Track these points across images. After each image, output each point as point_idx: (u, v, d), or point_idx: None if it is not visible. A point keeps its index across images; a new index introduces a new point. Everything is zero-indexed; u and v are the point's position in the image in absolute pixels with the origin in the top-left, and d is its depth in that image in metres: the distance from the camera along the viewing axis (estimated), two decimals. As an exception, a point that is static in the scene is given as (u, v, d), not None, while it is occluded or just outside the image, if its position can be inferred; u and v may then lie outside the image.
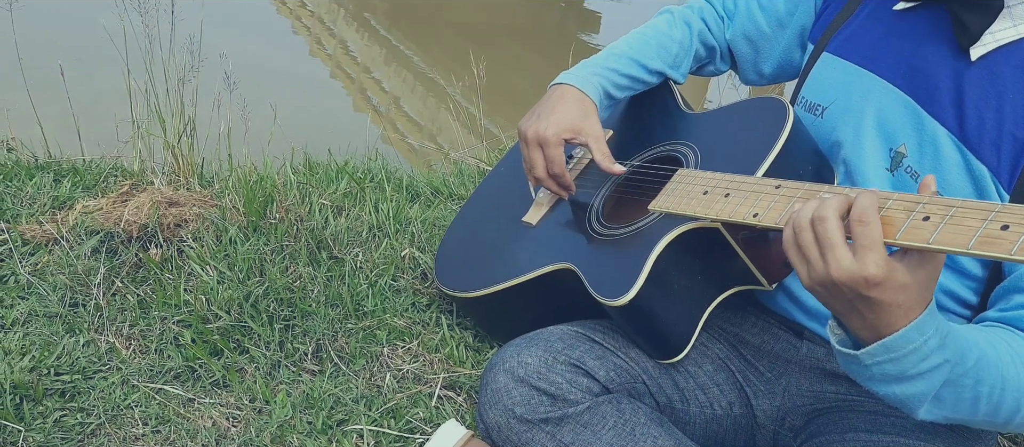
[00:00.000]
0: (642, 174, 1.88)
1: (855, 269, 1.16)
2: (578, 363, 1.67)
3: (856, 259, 1.16)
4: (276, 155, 3.14)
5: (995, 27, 1.46)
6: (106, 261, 2.26)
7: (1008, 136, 1.44)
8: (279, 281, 2.21)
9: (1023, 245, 1.01)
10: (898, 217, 1.15)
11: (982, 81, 1.48)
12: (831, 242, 1.19)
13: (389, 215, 2.62)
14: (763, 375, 1.79)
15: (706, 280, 1.67)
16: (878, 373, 1.27)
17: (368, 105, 7.44)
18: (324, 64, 8.32)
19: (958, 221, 1.08)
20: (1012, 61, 1.46)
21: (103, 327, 2.08)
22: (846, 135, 1.66)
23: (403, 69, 8.45)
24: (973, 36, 1.48)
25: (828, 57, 1.76)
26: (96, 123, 3.46)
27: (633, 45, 2.00)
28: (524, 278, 1.89)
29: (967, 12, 1.47)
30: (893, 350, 1.23)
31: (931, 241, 1.09)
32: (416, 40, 9.27)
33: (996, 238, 1.03)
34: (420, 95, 7.87)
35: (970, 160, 1.47)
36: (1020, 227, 1.02)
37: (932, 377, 1.27)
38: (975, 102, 1.48)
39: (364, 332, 2.16)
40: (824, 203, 1.22)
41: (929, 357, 1.24)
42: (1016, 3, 1.44)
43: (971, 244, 1.05)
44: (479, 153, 3.91)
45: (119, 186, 2.63)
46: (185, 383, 1.98)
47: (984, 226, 1.05)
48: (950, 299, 1.56)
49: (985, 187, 1.46)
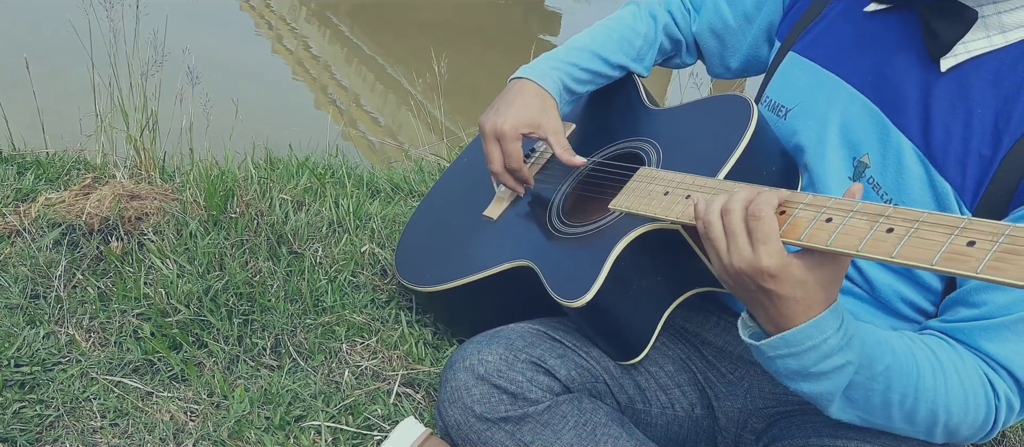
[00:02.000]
0: (603, 171, 1.86)
1: (752, 259, 1.23)
2: (539, 361, 1.65)
3: (753, 250, 1.23)
4: (237, 150, 3.13)
5: (968, 38, 1.41)
6: (67, 253, 2.25)
7: (974, 154, 1.40)
8: (239, 275, 2.21)
9: (990, 263, 0.98)
10: (861, 227, 1.14)
11: (951, 94, 1.43)
12: (734, 232, 1.25)
13: (349, 211, 2.61)
14: (725, 377, 1.77)
15: (666, 281, 1.66)
16: (782, 367, 1.32)
17: (329, 102, 7.42)
18: (286, 61, 8.28)
19: (922, 236, 1.07)
20: (983, 74, 1.41)
21: (63, 319, 2.07)
22: (809, 140, 1.63)
23: (364, 67, 8.43)
24: (944, 46, 1.43)
25: (794, 57, 1.72)
26: (60, 117, 3.44)
27: (596, 38, 1.99)
28: (483, 274, 1.88)
29: (939, 20, 1.43)
30: (792, 344, 1.28)
31: (894, 255, 1.07)
32: (377, 39, 9.25)
33: (962, 255, 1.01)
34: (380, 94, 7.85)
35: (934, 176, 1.44)
36: (986, 244, 1.00)
37: (836, 377, 1.31)
38: (943, 116, 1.43)
39: (323, 328, 2.16)
40: (732, 197, 1.27)
41: (831, 356, 1.28)
42: (991, 14, 1.39)
43: (935, 260, 1.03)
44: (440, 150, 3.91)
45: (82, 179, 2.62)
46: (144, 376, 1.97)
47: (949, 241, 1.03)
48: (909, 307, 1.54)
49: (948, 205, 1.42)
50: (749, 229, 1.24)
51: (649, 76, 2.08)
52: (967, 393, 1.37)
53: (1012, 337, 1.38)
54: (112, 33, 3.23)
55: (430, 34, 9.46)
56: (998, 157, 1.38)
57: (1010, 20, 1.39)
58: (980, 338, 1.40)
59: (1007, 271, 0.96)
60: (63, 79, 4.30)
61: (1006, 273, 0.96)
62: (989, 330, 1.39)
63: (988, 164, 1.39)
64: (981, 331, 1.40)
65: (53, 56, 4.66)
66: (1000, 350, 1.38)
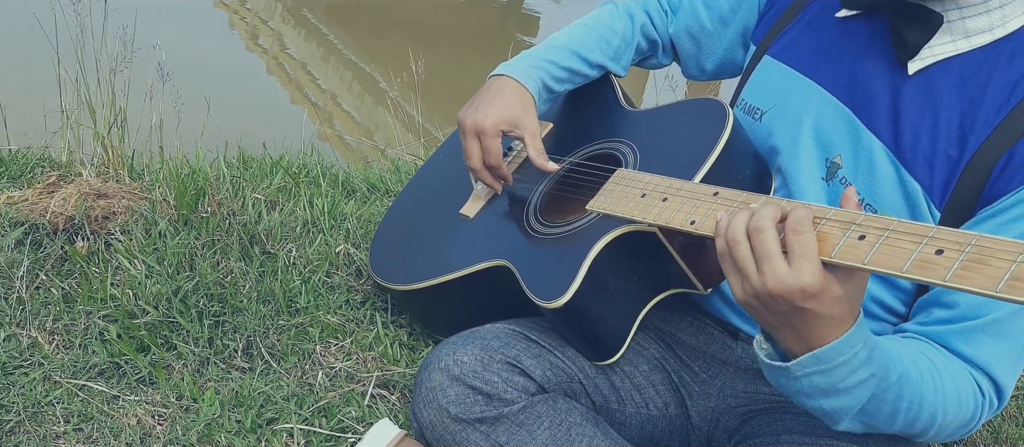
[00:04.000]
0: (580, 171, 1.87)
1: (792, 280, 1.16)
2: (514, 362, 1.66)
3: (792, 270, 1.16)
4: (209, 149, 3.09)
5: (934, 42, 1.47)
6: (30, 253, 2.20)
7: (942, 154, 1.45)
8: (209, 276, 2.17)
9: (956, 272, 1.02)
10: (834, 234, 1.15)
11: (919, 96, 1.48)
12: (769, 253, 1.18)
13: (324, 211, 2.59)
14: (698, 376, 1.79)
15: (642, 283, 1.67)
16: (808, 386, 1.27)
17: (305, 100, 7.39)
18: (260, 58, 8.24)
19: (893, 243, 1.09)
20: (949, 78, 1.46)
21: (25, 321, 2.02)
22: (783, 142, 1.66)
23: (341, 66, 8.40)
24: (911, 50, 1.48)
25: (769, 60, 1.76)
26: (23, 112, 3.38)
27: (574, 37, 1.99)
28: (460, 273, 1.88)
29: (907, 25, 1.47)
30: (824, 361, 1.24)
31: (866, 261, 1.10)
32: (354, 37, 9.22)
33: (930, 263, 1.05)
34: (357, 93, 7.83)
35: (904, 176, 1.48)
36: (954, 253, 1.03)
37: (860, 391, 1.28)
38: (911, 117, 1.48)
39: (296, 329, 2.13)
40: (759, 214, 1.21)
41: (857, 370, 1.25)
42: (956, 19, 1.44)
43: (905, 267, 1.06)
44: (416, 150, 3.89)
45: (46, 177, 2.57)
46: (110, 380, 1.93)
47: (918, 249, 1.06)
48: (879, 307, 1.57)
49: (917, 204, 1.46)
50: (788, 246, 1.18)
51: (626, 76, 2.09)
52: (960, 394, 1.40)
53: (986, 339, 1.42)
54: (79, 27, 3.17)
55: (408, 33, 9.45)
56: (964, 158, 1.43)
57: (974, 25, 1.45)
58: (957, 341, 1.43)
59: (973, 279, 1.00)
60: (26, 74, 4.24)
61: (973, 281, 1.00)
62: (964, 333, 1.42)
63: (955, 165, 1.44)
64: (957, 335, 1.43)
65: (16, 50, 4.60)
66: (977, 352, 1.42)
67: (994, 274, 0.99)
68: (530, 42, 9.79)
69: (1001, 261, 0.99)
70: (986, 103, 1.43)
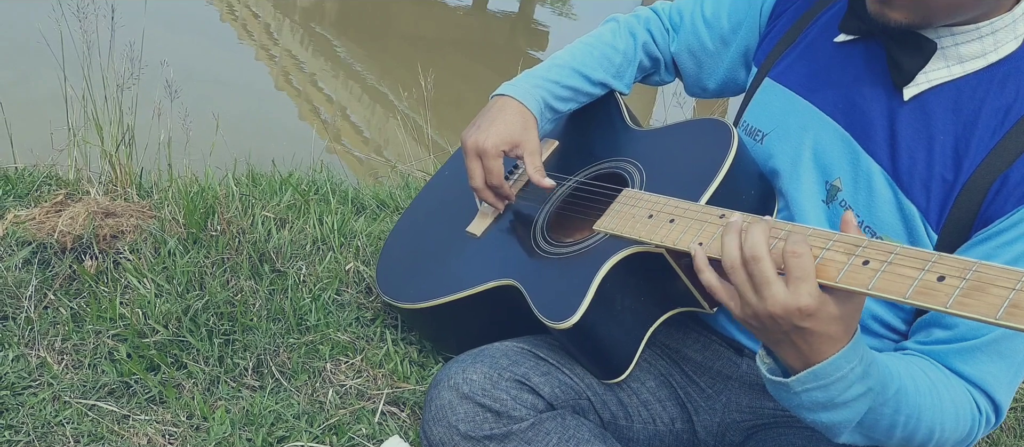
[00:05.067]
0: (587, 190, 1.88)
1: (790, 301, 1.21)
2: (523, 379, 1.67)
3: (790, 291, 1.21)
4: (218, 165, 3.08)
5: (929, 68, 1.50)
6: (38, 273, 2.19)
7: (938, 177, 1.48)
8: (219, 295, 2.17)
9: (957, 299, 1.04)
10: (838, 259, 1.19)
11: (915, 121, 1.51)
12: (767, 279, 1.23)
13: (334, 228, 2.58)
14: (704, 391, 1.81)
15: (648, 302, 1.68)
16: (807, 400, 1.32)
17: (314, 114, 7.40)
18: (269, 73, 8.26)
19: (896, 269, 1.12)
20: (943, 102, 1.50)
21: (34, 341, 2.02)
22: (784, 164, 1.68)
23: (350, 80, 8.42)
24: (907, 75, 1.51)
25: (770, 83, 1.78)
26: (30, 130, 3.37)
27: (576, 55, 2.00)
28: (468, 292, 1.88)
29: (902, 52, 1.50)
30: (822, 377, 1.28)
31: (870, 287, 1.13)
32: (364, 50, 9.24)
33: (932, 289, 1.07)
34: (367, 105, 7.84)
35: (901, 199, 1.51)
36: (955, 280, 1.06)
37: (857, 404, 1.33)
38: (908, 141, 1.51)
39: (306, 347, 2.12)
40: (752, 241, 1.25)
41: (854, 385, 1.30)
42: (949, 45, 1.48)
43: (908, 293, 1.09)
44: (426, 166, 3.88)
45: (53, 195, 2.56)
46: (120, 399, 1.92)
47: (921, 276, 1.09)
48: (880, 325, 1.60)
49: (915, 227, 1.50)
50: (787, 268, 1.22)
51: (630, 94, 2.10)
52: (958, 410, 1.44)
53: (984, 358, 1.46)
54: (86, 44, 3.17)
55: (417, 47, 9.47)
56: (960, 181, 1.47)
57: (967, 51, 1.48)
58: (956, 360, 1.47)
59: (974, 306, 1.03)
60: (33, 91, 4.24)
61: (973, 308, 1.03)
62: (963, 352, 1.47)
63: (950, 188, 1.48)
64: (956, 354, 1.47)
65: (22, 67, 4.60)
66: (975, 371, 1.47)
67: (994, 301, 1.01)
68: (539, 56, 9.81)
69: (1000, 288, 1.02)
70: (980, 127, 1.47)
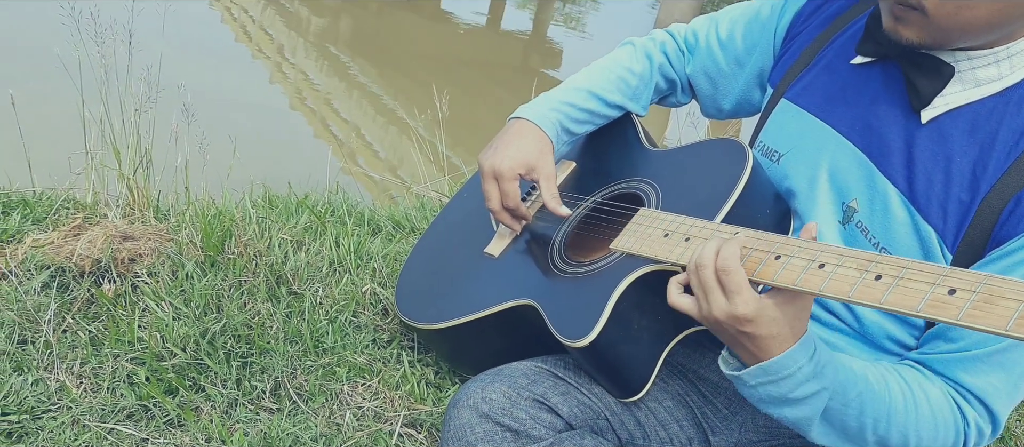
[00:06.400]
0: (604, 210, 1.88)
1: (729, 309, 1.34)
2: (542, 399, 1.66)
3: (728, 301, 1.34)
4: (235, 187, 3.09)
5: (946, 91, 1.50)
6: (57, 297, 2.20)
7: (955, 199, 1.49)
8: (237, 317, 2.17)
9: (968, 311, 1.06)
10: (850, 275, 1.22)
11: (932, 143, 1.52)
12: (709, 286, 1.36)
13: (350, 250, 2.59)
14: (720, 411, 1.80)
15: (665, 320, 1.68)
16: (764, 394, 1.43)
17: (329, 134, 7.42)
18: (284, 93, 8.29)
19: (907, 283, 1.15)
20: (960, 125, 1.50)
21: (53, 365, 2.02)
22: (800, 184, 1.69)
23: (364, 100, 8.45)
24: (924, 99, 1.51)
25: (786, 104, 1.78)
26: (48, 154, 3.39)
27: (593, 78, 2.01)
28: (486, 312, 1.88)
29: (920, 75, 1.51)
30: (770, 373, 1.39)
31: (883, 301, 1.16)
32: (378, 71, 9.27)
33: (943, 302, 1.10)
34: (381, 125, 7.86)
35: (918, 221, 1.52)
36: (966, 293, 1.08)
37: (812, 402, 1.42)
38: (925, 164, 1.52)
39: (324, 369, 2.12)
40: (701, 253, 1.38)
41: (804, 383, 1.39)
42: (966, 69, 1.48)
43: (920, 307, 1.11)
44: (441, 186, 3.88)
45: (71, 219, 2.58)
46: (138, 423, 1.93)
47: (932, 290, 1.12)
48: (893, 343, 1.61)
49: (931, 248, 1.51)
50: (721, 283, 1.34)
51: (647, 115, 2.11)
52: (936, 418, 1.48)
53: (985, 369, 1.48)
54: (103, 69, 3.18)
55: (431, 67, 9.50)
56: (976, 202, 1.48)
57: (984, 74, 1.49)
58: (957, 369, 1.50)
59: (984, 319, 1.05)
60: (51, 115, 4.26)
61: (984, 321, 1.05)
62: (965, 361, 1.49)
63: (967, 209, 1.48)
64: (957, 362, 1.50)
65: (40, 92, 4.63)
66: (974, 380, 1.49)
67: (1003, 313, 1.03)
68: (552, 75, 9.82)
69: (1010, 301, 1.04)
70: (997, 148, 1.47)
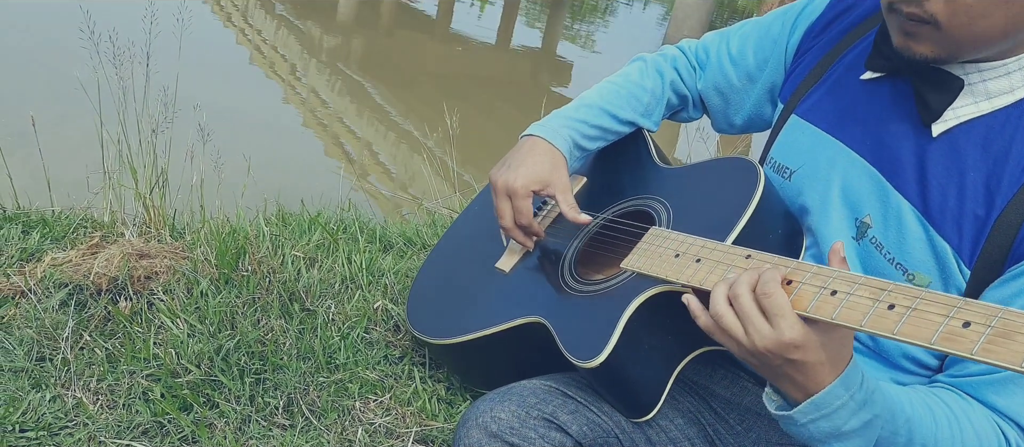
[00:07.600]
0: (614, 228, 1.88)
1: (774, 336, 1.26)
2: (551, 418, 1.65)
3: (773, 328, 1.27)
4: (249, 205, 3.12)
5: (957, 104, 1.48)
6: (74, 314, 2.23)
7: (969, 214, 1.46)
8: (250, 334, 2.19)
9: (983, 346, 1.03)
10: (862, 304, 1.19)
11: (945, 157, 1.50)
12: (748, 315, 1.29)
13: (362, 267, 2.61)
14: (733, 428, 1.79)
15: (675, 340, 1.67)
16: (815, 431, 1.35)
17: (341, 152, 7.45)
18: (298, 112, 8.32)
19: (921, 314, 1.12)
20: (973, 138, 1.48)
21: (70, 382, 2.05)
22: (813, 201, 1.68)
23: (375, 119, 8.48)
24: (935, 113, 1.49)
25: (796, 120, 1.77)
26: (66, 174, 3.43)
27: (604, 95, 2.01)
28: (497, 329, 1.88)
29: (929, 89, 1.50)
30: (822, 407, 1.31)
31: (895, 332, 1.13)
32: (390, 89, 9.30)
33: (958, 335, 1.06)
34: (392, 142, 7.89)
35: (933, 236, 1.49)
36: (981, 326, 1.05)
37: (866, 433, 1.35)
38: (938, 178, 1.50)
39: (336, 385, 2.14)
40: (737, 283, 1.32)
41: (857, 413, 1.32)
42: (977, 81, 1.47)
43: (933, 339, 1.08)
44: (452, 203, 3.90)
45: (89, 238, 2.61)
46: (153, 439, 1.95)
47: (946, 322, 1.08)
48: (911, 363, 1.58)
49: (947, 263, 1.48)
50: (762, 308, 1.28)
51: (658, 130, 2.11)
52: (981, 441, 1.42)
53: (1016, 390, 1.44)
54: (121, 90, 3.22)
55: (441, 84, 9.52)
56: (992, 217, 1.45)
57: (995, 86, 1.47)
58: (987, 392, 1.45)
59: (1000, 354, 1.01)
60: (69, 135, 4.30)
61: (998, 355, 1.01)
62: (995, 384, 1.45)
63: (983, 224, 1.45)
64: (988, 385, 1.45)
65: (58, 112, 4.67)
66: (1007, 403, 1.44)
67: (1019, 348, 1.00)
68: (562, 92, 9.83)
69: None
70: (1011, 162, 1.45)
